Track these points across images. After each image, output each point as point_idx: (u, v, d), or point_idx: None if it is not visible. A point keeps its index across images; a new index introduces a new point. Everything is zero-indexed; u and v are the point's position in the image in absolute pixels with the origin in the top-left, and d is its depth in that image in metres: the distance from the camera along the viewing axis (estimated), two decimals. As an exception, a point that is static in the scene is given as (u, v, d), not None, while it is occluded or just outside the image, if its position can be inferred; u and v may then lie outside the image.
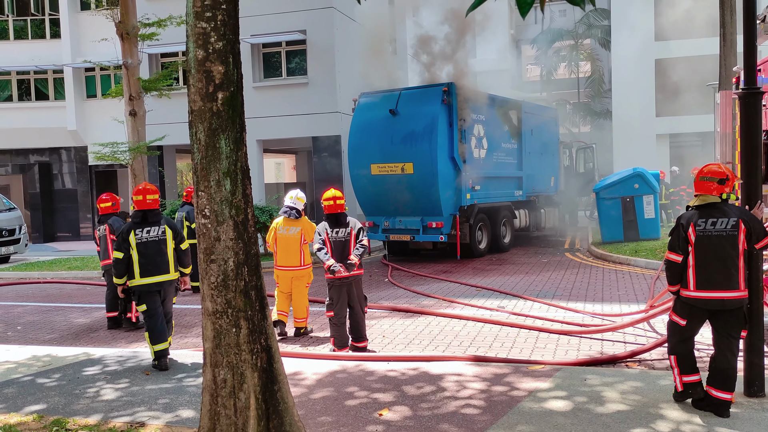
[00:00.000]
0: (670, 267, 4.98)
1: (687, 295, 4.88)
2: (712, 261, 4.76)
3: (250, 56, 20.11)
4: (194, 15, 3.80)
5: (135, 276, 6.75)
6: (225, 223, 3.92)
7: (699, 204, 4.87)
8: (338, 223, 7.19)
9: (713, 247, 4.76)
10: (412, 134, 14.25)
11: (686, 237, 4.84)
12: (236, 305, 3.96)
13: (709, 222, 4.78)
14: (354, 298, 7.16)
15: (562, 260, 14.38)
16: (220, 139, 3.88)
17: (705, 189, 4.88)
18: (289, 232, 8.07)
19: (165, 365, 6.57)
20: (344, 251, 7.12)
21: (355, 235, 7.17)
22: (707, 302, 4.79)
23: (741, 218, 4.74)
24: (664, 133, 26.46)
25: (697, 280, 4.80)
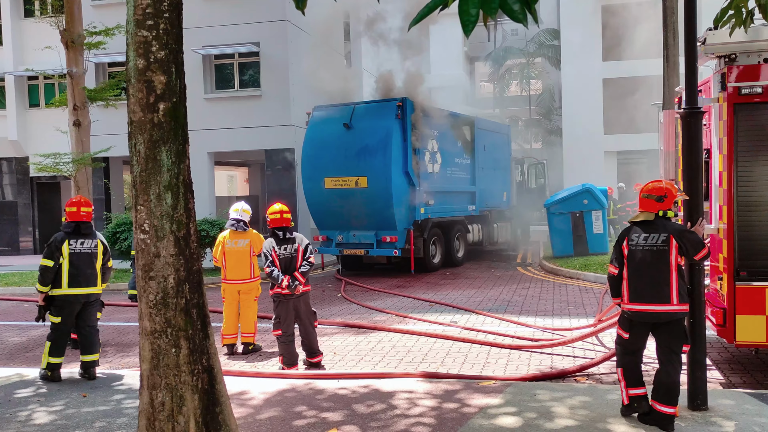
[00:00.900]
0: (609, 279, 5.17)
1: (624, 307, 5.01)
2: (642, 274, 4.89)
3: (201, 67, 19.80)
4: (135, 23, 3.67)
5: (62, 286, 6.71)
6: (165, 239, 3.78)
7: (638, 220, 5.00)
8: (284, 237, 7.03)
9: (643, 260, 4.89)
10: (366, 148, 14.22)
11: (621, 250, 4.99)
12: (176, 324, 3.80)
13: (642, 237, 4.92)
14: (302, 314, 7.03)
15: (514, 274, 14.51)
16: (162, 152, 3.75)
17: (646, 206, 5.00)
18: (238, 245, 7.91)
19: (58, 377, 6.73)
20: (290, 267, 6.98)
21: (302, 251, 7.04)
22: (640, 315, 4.91)
23: (672, 234, 4.85)
24: (612, 151, 27.17)
25: (630, 293, 4.94)
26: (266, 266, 6.94)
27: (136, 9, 3.63)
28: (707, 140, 6.76)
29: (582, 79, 26.87)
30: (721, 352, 7.36)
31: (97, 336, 7.00)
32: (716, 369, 6.75)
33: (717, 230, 6.24)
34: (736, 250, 5.94)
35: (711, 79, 6.44)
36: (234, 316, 7.95)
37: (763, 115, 5.90)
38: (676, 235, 4.87)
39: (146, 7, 3.61)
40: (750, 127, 5.94)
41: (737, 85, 5.89)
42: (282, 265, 6.95)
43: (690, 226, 5.16)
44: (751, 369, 6.69)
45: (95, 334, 6.95)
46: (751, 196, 5.92)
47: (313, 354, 7.09)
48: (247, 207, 8.19)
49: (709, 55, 6.10)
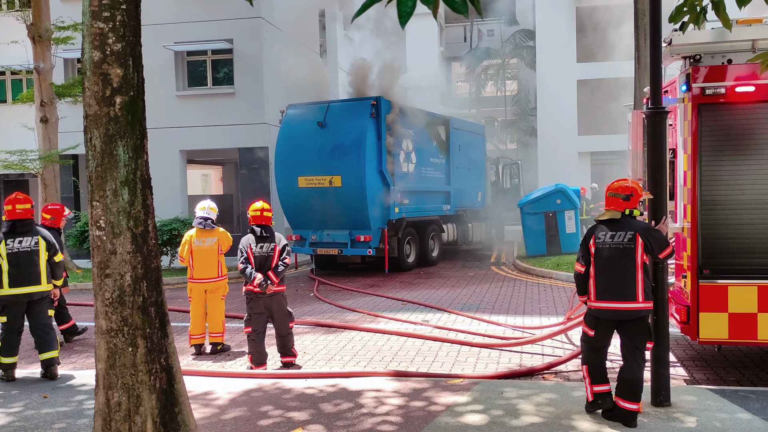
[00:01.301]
0: (576, 277, 5.22)
1: (590, 305, 5.04)
2: (609, 272, 4.93)
3: (173, 64, 19.54)
4: (91, 14, 3.59)
5: (3, 286, 6.63)
6: (122, 236, 3.70)
7: (604, 218, 5.03)
8: (263, 236, 6.97)
9: (610, 258, 4.93)
10: (340, 147, 14.15)
11: (588, 248, 5.02)
12: (133, 323, 3.73)
13: (608, 235, 4.96)
14: (275, 314, 6.95)
15: (487, 274, 14.56)
16: (118, 146, 3.67)
17: (612, 204, 5.04)
18: (205, 243, 7.80)
19: (12, 376, 6.68)
20: (265, 265, 6.92)
21: (279, 251, 6.97)
22: (606, 312, 4.95)
23: (638, 232, 4.89)
24: (585, 151, 27.44)
25: (597, 291, 4.98)
26: (240, 262, 6.90)
27: (92, 0, 3.55)
28: (673, 140, 6.84)
29: (557, 80, 27.10)
30: (686, 349, 7.45)
31: (53, 333, 6.89)
32: (681, 366, 6.83)
33: (682, 229, 6.31)
34: (700, 248, 6.01)
35: (677, 79, 6.52)
36: (201, 315, 7.84)
37: (726, 115, 5.97)
38: (641, 233, 4.91)
39: (102, -2, 3.53)
40: (714, 127, 6.01)
41: (702, 85, 5.96)
42: (257, 262, 6.91)
43: (654, 225, 5.21)
44: (715, 366, 6.78)
45: (50, 331, 6.85)
46: (714, 195, 6.00)
47: (286, 354, 7.04)
48: (214, 205, 8.09)
49: (674, 55, 6.16)
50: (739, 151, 5.97)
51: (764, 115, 5.93)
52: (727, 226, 6.00)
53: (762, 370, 6.57)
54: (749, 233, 5.96)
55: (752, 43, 5.93)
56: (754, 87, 5.88)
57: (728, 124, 6.00)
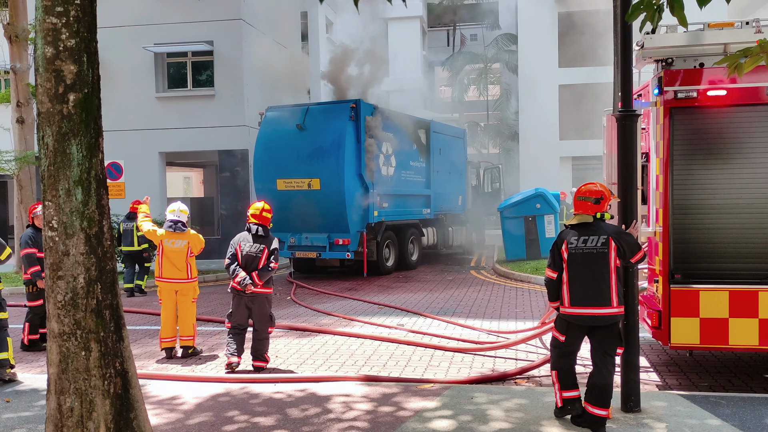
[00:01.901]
0: (547, 284, 5.12)
1: (563, 311, 4.97)
2: (583, 278, 4.86)
3: (153, 66, 19.36)
4: (43, 9, 3.48)
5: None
6: (75, 236, 3.59)
7: (574, 222, 4.98)
8: (258, 235, 7.06)
9: (584, 264, 4.86)
10: (319, 150, 14.07)
11: (560, 254, 4.95)
12: (86, 326, 3.62)
13: (581, 239, 4.89)
14: (255, 316, 7.01)
15: (466, 278, 14.53)
16: (72, 145, 3.57)
17: (582, 208, 5.00)
18: (175, 245, 7.70)
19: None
20: (252, 265, 6.98)
21: (267, 254, 7.01)
22: (580, 318, 4.88)
23: (611, 236, 4.86)
24: (567, 156, 27.57)
25: (571, 297, 4.90)
26: (227, 257, 7.06)
27: (45, -6, 3.45)
28: (646, 144, 6.84)
29: (538, 84, 27.21)
30: (660, 354, 7.45)
31: (3, 334, 6.72)
32: (654, 371, 6.81)
33: (654, 233, 6.30)
34: (672, 252, 6.00)
35: (650, 83, 6.52)
36: (172, 318, 7.71)
37: (698, 119, 5.97)
38: (614, 236, 4.88)
39: (55, -8, 3.43)
40: (686, 130, 6.01)
41: (674, 89, 5.95)
42: (244, 261, 7.00)
43: (625, 228, 5.18)
44: (688, 371, 6.77)
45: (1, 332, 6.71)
46: (686, 199, 5.99)
47: (258, 358, 7.00)
48: (185, 207, 7.99)
49: (646, 58, 6.17)
50: (711, 155, 5.97)
51: (736, 119, 5.94)
52: (698, 230, 5.99)
53: (734, 375, 6.57)
54: (721, 238, 5.95)
55: (724, 46, 5.94)
56: (726, 91, 5.89)
57: (700, 128, 6.00)
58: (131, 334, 9.21)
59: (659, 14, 2.84)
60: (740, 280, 5.87)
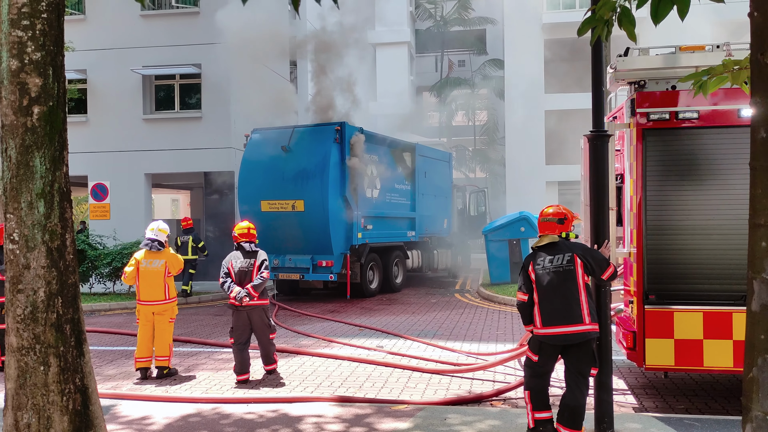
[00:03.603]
0: (519, 307, 5.08)
1: (537, 332, 4.95)
2: (553, 297, 4.86)
3: (141, 88, 19.42)
4: (9, 22, 3.49)
5: None
6: (36, 249, 3.56)
7: (542, 244, 4.98)
8: (250, 251, 7.51)
9: (552, 282, 4.86)
10: (303, 172, 14.09)
11: (528, 276, 4.94)
12: (45, 341, 3.57)
13: (547, 259, 4.90)
14: (255, 326, 7.41)
15: (450, 301, 14.49)
16: (35, 157, 3.55)
17: (547, 229, 5.01)
18: (152, 265, 7.63)
19: None
20: (245, 280, 7.39)
21: (257, 266, 7.43)
22: (554, 338, 4.85)
23: (575, 252, 4.87)
24: (553, 180, 27.73)
25: (543, 317, 4.88)
26: (221, 276, 7.46)
27: (11, 8, 3.46)
28: (621, 165, 6.90)
29: (524, 110, 27.47)
30: (638, 377, 7.42)
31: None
32: (631, 394, 6.78)
33: (629, 254, 6.32)
34: (646, 273, 6.01)
35: (624, 105, 6.60)
36: (148, 338, 7.62)
37: (670, 140, 6.03)
38: (579, 253, 4.89)
39: (22, 6, 3.45)
40: (659, 152, 6.06)
41: (646, 110, 6.02)
42: (237, 277, 7.42)
43: (597, 248, 5.19)
44: (665, 394, 6.75)
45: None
46: (659, 220, 6.02)
47: (269, 362, 7.51)
48: (164, 226, 7.94)
49: (619, 81, 6.25)
50: (684, 176, 6.01)
51: (708, 141, 6.00)
52: (673, 251, 6.01)
53: (711, 398, 6.55)
54: (695, 259, 5.97)
55: (695, 69, 6.01)
56: (698, 113, 5.96)
57: (673, 150, 6.06)
58: (107, 354, 9.09)
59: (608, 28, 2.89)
60: (714, 301, 5.89)
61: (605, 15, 2.72)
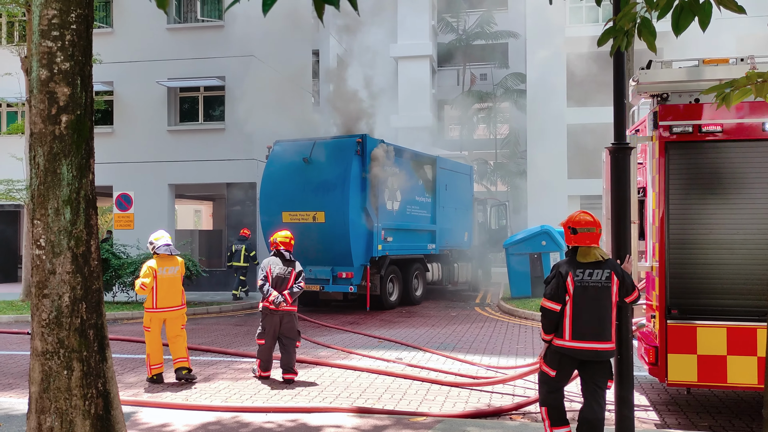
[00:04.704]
0: (547, 315, 4.89)
1: (560, 344, 4.84)
2: (588, 312, 4.75)
3: (165, 100, 19.73)
4: (39, 33, 3.59)
5: None
6: (62, 255, 3.63)
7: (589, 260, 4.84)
8: (288, 259, 7.92)
9: (590, 298, 4.75)
10: (324, 183, 14.17)
11: (564, 286, 4.83)
12: (69, 345, 3.63)
13: (587, 272, 4.79)
14: (285, 331, 7.76)
15: (470, 314, 14.41)
16: (62, 165, 3.63)
17: (587, 239, 4.88)
18: (169, 272, 7.86)
19: None
20: (282, 286, 7.78)
21: (295, 275, 7.87)
22: (581, 353, 4.76)
23: (614, 270, 4.80)
24: (575, 194, 27.53)
25: (573, 330, 4.77)
26: (260, 279, 7.80)
27: (41, 19, 3.57)
28: (643, 179, 6.85)
29: (546, 123, 27.37)
30: (660, 393, 7.31)
31: None
32: (653, 410, 6.68)
33: (651, 268, 6.25)
34: (668, 288, 5.93)
35: (646, 117, 6.55)
36: (160, 344, 7.79)
37: (693, 153, 5.97)
38: (618, 272, 4.82)
39: (52, 17, 3.55)
40: (681, 165, 6.00)
41: (668, 123, 5.97)
42: (275, 282, 7.78)
43: (619, 263, 5.13)
44: (688, 411, 6.63)
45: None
46: (682, 234, 5.95)
47: (288, 371, 7.74)
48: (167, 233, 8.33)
49: (642, 93, 6.21)
50: (707, 189, 5.95)
51: (731, 154, 5.94)
52: (696, 265, 5.93)
53: (735, 415, 6.43)
54: (719, 273, 5.89)
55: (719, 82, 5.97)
56: (721, 126, 5.90)
57: (696, 163, 6.00)
58: (129, 362, 9.19)
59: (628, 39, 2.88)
60: (738, 316, 5.79)
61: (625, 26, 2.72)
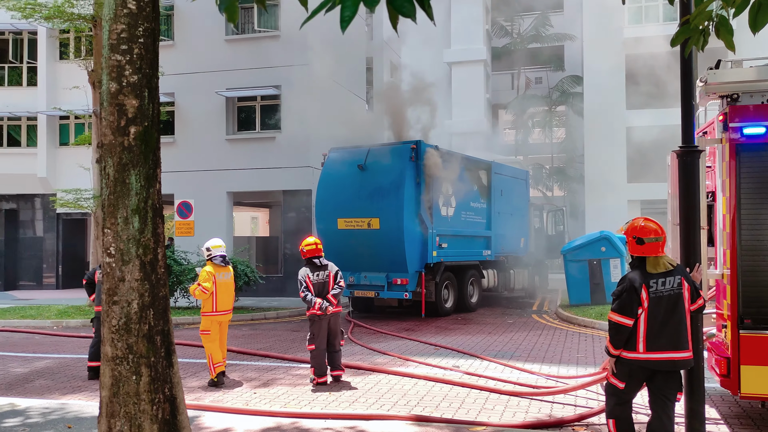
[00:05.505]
0: (619, 330, 4.68)
1: (633, 357, 4.64)
2: (664, 322, 4.57)
3: (224, 109, 20.22)
4: (109, 47, 3.72)
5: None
6: (131, 263, 3.73)
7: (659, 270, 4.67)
8: (318, 265, 8.13)
9: (665, 307, 4.58)
10: (379, 190, 14.21)
11: (639, 299, 4.63)
12: (138, 351, 3.73)
13: (660, 281, 4.62)
14: (332, 332, 8.05)
15: (527, 321, 14.17)
16: (131, 175, 3.74)
17: (655, 249, 4.70)
18: (225, 277, 8.32)
19: None
20: (323, 291, 8.03)
21: (333, 277, 8.11)
22: (657, 363, 4.58)
23: (683, 276, 4.63)
24: (635, 199, 26.78)
25: (648, 342, 4.58)
26: (301, 291, 8.01)
27: (111, 33, 3.69)
28: (712, 183, 6.58)
29: (605, 126, 26.75)
30: (732, 406, 6.99)
31: None
32: (725, 424, 6.38)
33: (721, 276, 5.99)
34: (740, 296, 5.67)
35: (715, 119, 6.30)
36: (218, 344, 8.26)
37: (765, 156, 5.71)
38: (686, 277, 4.66)
39: (121, 32, 3.66)
40: (753, 168, 5.74)
41: (739, 125, 5.73)
42: (316, 289, 8.03)
43: (689, 272, 4.94)
44: (761, 424, 6.31)
45: None
46: (755, 240, 5.68)
47: (336, 368, 8.11)
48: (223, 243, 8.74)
49: (710, 94, 5.98)
50: (781, 193, 5.67)
51: (808, 157, 5.65)
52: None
53: (815, 431, 6.08)
54: (794, 281, 5.60)
55: (793, 82, 5.70)
56: (796, 127, 5.62)
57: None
58: (191, 367, 9.40)
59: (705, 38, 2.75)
60: (816, 326, 5.49)
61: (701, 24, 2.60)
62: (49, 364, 10.04)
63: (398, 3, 1.93)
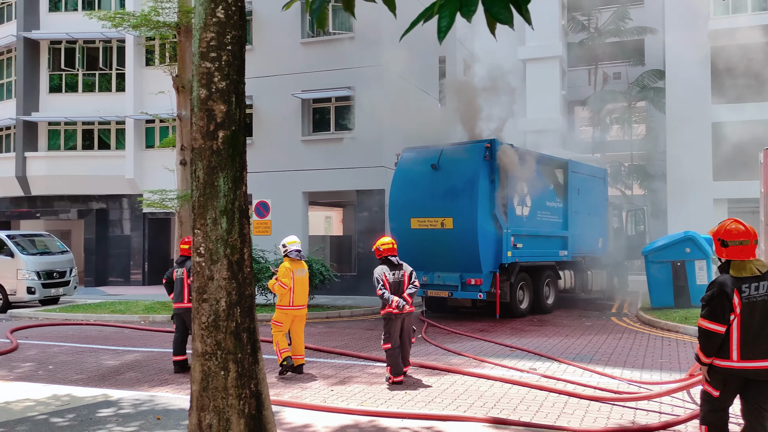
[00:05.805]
0: (711, 338, 4.50)
1: (726, 365, 4.43)
2: (759, 328, 4.36)
3: (300, 111, 20.67)
4: (199, 55, 3.87)
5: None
6: (219, 262, 3.88)
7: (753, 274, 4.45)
8: (396, 264, 8.28)
9: (759, 313, 4.36)
10: (452, 189, 14.13)
11: (731, 305, 4.43)
12: (226, 347, 3.87)
13: (753, 286, 4.40)
14: (406, 331, 8.18)
15: (606, 324, 13.76)
16: (219, 177, 3.88)
17: (739, 253, 4.49)
18: (302, 273, 8.63)
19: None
20: (398, 290, 8.15)
21: (408, 276, 8.23)
22: (755, 373, 4.37)
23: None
24: (722, 198, 25.52)
25: (743, 350, 4.37)
26: (378, 289, 8.10)
27: (201, 42, 3.84)
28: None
29: (689, 122, 25.62)
30: (834, 418, 6.55)
31: None
32: (826, 437, 5.99)
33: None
34: None
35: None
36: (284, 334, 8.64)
37: None
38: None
39: (210, 40, 3.81)
40: None
41: (843, 120, 5.37)
42: (391, 288, 8.12)
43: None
44: None
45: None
46: None
47: (406, 364, 8.26)
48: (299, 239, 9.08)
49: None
50: None
51: None
52: None
53: None
54: None
55: None
56: None
57: None
58: (270, 363, 9.65)
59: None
60: None
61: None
62: (138, 358, 10.55)
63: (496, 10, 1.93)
